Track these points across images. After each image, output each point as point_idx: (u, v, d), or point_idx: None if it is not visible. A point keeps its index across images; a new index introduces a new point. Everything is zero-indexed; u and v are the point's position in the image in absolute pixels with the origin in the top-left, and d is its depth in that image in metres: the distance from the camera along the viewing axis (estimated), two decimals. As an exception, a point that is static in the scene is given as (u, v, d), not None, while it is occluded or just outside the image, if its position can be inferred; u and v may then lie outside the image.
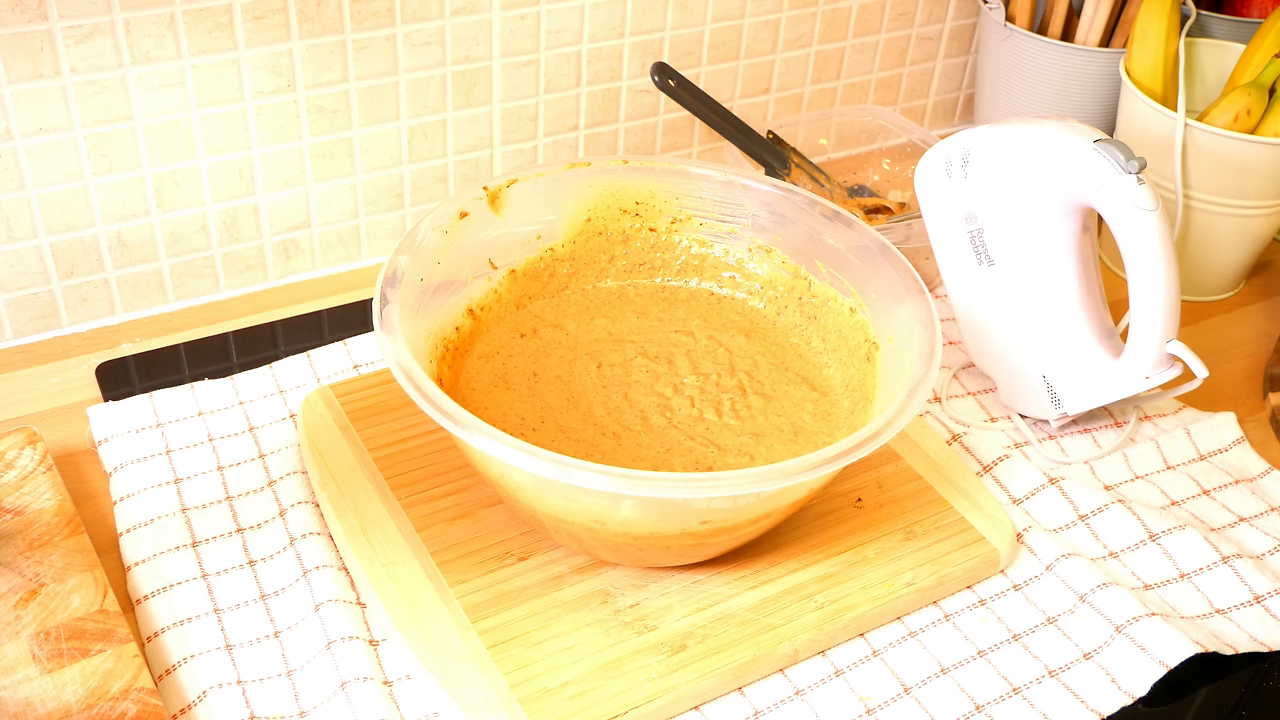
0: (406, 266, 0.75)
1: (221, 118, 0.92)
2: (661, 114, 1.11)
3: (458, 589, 0.73)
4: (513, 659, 0.70)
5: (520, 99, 1.04)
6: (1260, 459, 0.90)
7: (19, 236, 0.90)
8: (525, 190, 0.84)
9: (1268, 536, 0.83)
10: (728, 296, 0.89)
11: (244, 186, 0.96)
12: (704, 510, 0.68)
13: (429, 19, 0.96)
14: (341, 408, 0.84)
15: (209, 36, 0.89)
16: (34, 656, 0.68)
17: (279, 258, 1.01)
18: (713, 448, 0.77)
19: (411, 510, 0.78)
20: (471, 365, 0.82)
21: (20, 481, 0.78)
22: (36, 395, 0.90)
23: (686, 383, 0.82)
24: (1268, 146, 0.96)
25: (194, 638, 0.72)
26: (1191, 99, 1.07)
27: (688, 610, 0.73)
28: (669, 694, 0.69)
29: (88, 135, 0.89)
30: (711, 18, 1.08)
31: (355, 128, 0.98)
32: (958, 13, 1.21)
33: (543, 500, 0.69)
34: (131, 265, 0.96)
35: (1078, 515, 0.83)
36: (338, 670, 0.70)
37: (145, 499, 0.80)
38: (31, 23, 0.83)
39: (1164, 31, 1.02)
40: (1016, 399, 0.91)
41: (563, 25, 1.02)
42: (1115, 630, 0.75)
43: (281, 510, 0.80)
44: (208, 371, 0.92)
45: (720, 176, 0.87)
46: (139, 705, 0.66)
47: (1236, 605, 0.78)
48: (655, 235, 0.89)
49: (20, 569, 0.73)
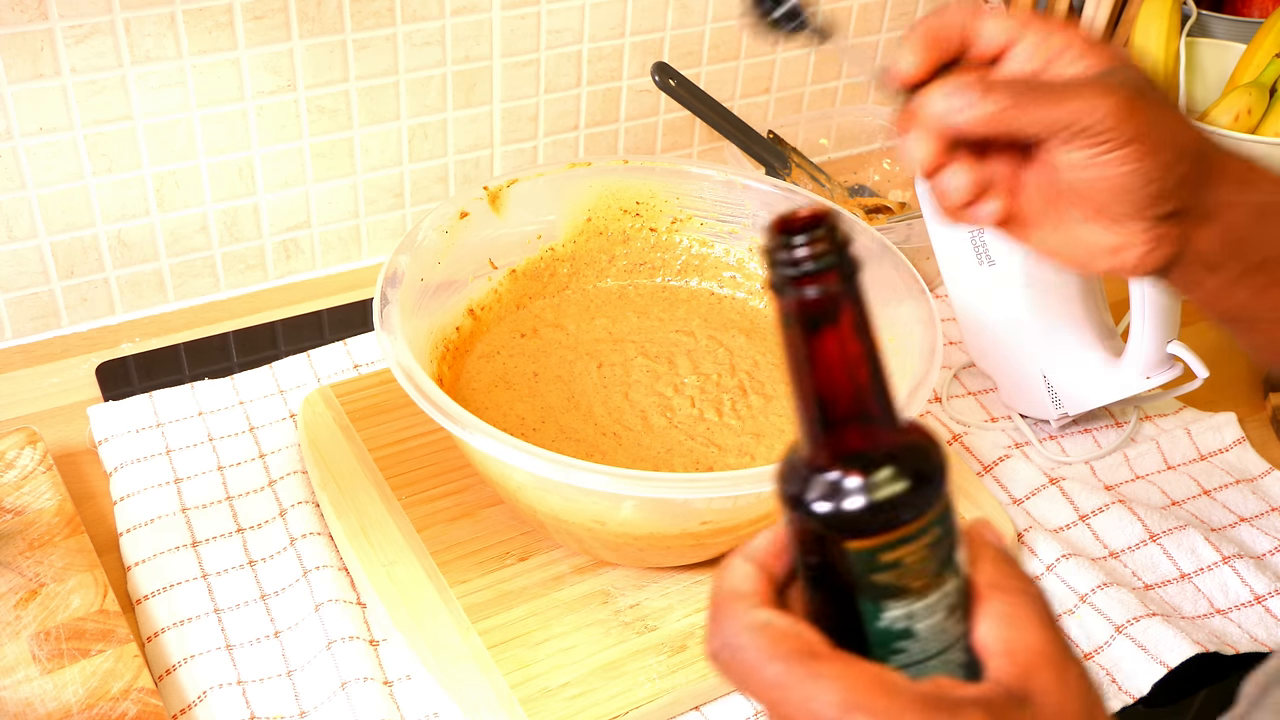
0: (407, 266, 0.75)
1: (221, 118, 0.92)
2: (662, 114, 1.11)
3: (458, 589, 0.73)
4: (513, 659, 0.70)
5: (520, 99, 1.04)
6: (1261, 459, 0.90)
7: (19, 236, 0.90)
8: (525, 190, 0.84)
9: (1268, 537, 0.83)
10: (728, 296, 0.89)
11: (244, 186, 0.96)
12: (704, 510, 0.68)
13: (429, 19, 0.96)
14: (342, 408, 0.84)
15: (209, 36, 0.89)
16: (34, 656, 0.68)
17: (279, 258, 1.01)
18: (713, 448, 0.77)
19: (412, 510, 0.78)
20: (472, 365, 0.82)
21: (20, 481, 0.78)
22: (36, 395, 0.90)
23: (687, 383, 0.81)
24: (1268, 146, 0.96)
25: (194, 638, 0.72)
26: (1192, 99, 1.07)
27: (688, 610, 0.73)
28: (669, 694, 0.69)
29: (88, 135, 0.89)
30: (712, 18, 1.08)
31: (355, 127, 0.98)
32: (958, 12, 1.21)
33: (543, 500, 0.69)
34: (131, 265, 0.95)
35: (1078, 515, 0.83)
36: (338, 670, 0.70)
37: (145, 499, 0.80)
38: (31, 23, 0.83)
39: (1164, 31, 1.02)
40: (1017, 399, 0.91)
41: (563, 25, 1.02)
42: (1116, 630, 0.75)
43: (282, 510, 0.80)
44: (208, 371, 0.92)
45: (720, 176, 0.87)
46: (139, 705, 0.66)
47: (1237, 605, 0.78)
48: (656, 235, 0.89)
49: (20, 569, 0.73)
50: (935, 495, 0.40)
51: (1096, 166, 0.52)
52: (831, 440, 0.39)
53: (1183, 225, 0.54)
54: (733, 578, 0.42)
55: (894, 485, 0.39)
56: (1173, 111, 0.53)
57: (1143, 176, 0.52)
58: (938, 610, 0.40)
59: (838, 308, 0.38)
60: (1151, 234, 0.53)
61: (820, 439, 0.39)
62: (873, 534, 0.39)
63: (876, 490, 0.39)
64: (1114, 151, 0.51)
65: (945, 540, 0.40)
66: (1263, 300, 0.55)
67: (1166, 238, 0.54)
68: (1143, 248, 0.54)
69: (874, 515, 0.39)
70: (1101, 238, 0.54)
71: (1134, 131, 0.51)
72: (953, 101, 0.52)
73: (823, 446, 0.39)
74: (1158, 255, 0.54)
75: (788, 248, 0.37)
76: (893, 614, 0.40)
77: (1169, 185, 0.52)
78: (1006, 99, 0.52)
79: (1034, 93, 0.52)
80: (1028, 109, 0.51)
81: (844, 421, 0.39)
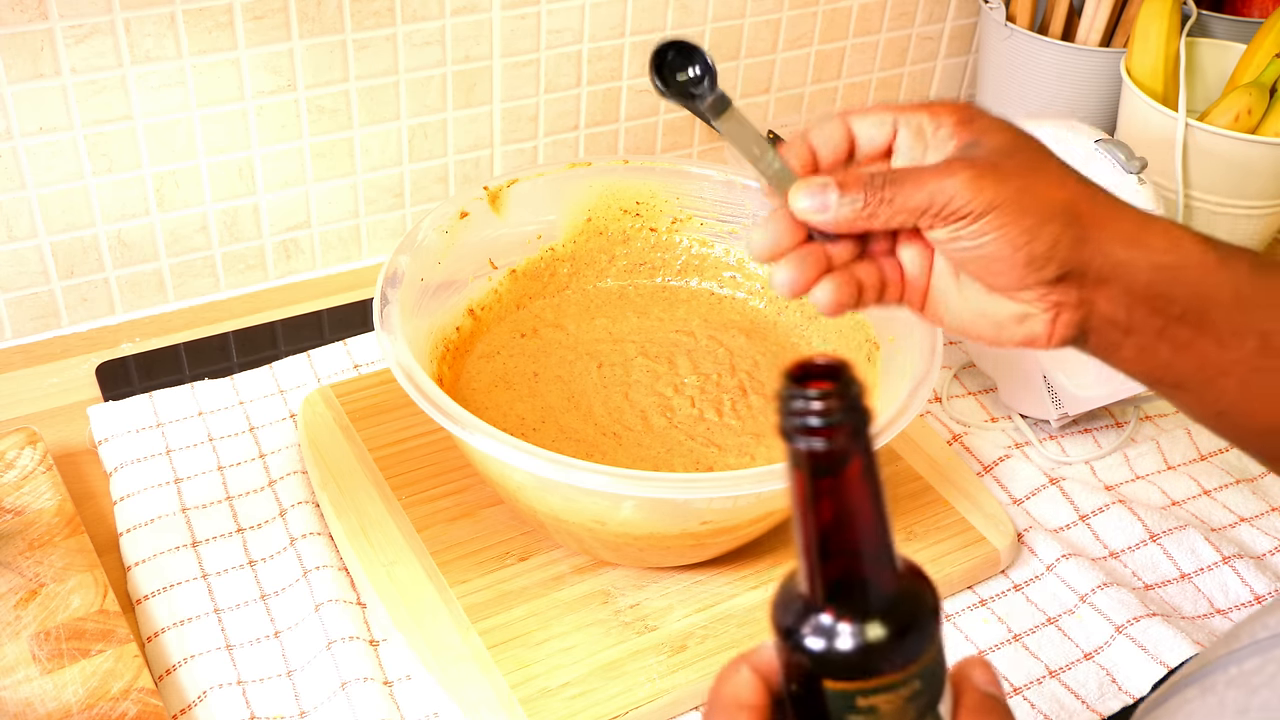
0: (407, 266, 0.75)
1: (221, 117, 0.92)
2: (662, 114, 1.11)
3: (458, 589, 0.73)
4: (513, 659, 0.70)
5: (520, 99, 1.04)
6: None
7: (19, 236, 0.90)
8: (525, 190, 0.84)
9: (1268, 537, 0.83)
10: (728, 296, 0.89)
11: (244, 186, 0.96)
12: (704, 510, 0.68)
13: (429, 19, 0.96)
14: (342, 408, 0.84)
15: (209, 36, 0.89)
16: (34, 656, 0.68)
17: (279, 257, 1.01)
18: (713, 448, 0.77)
19: (412, 510, 0.78)
20: (472, 365, 0.82)
21: (20, 481, 0.78)
22: (36, 395, 0.90)
23: (687, 383, 0.81)
24: (1268, 146, 0.96)
25: (194, 638, 0.72)
26: (1192, 99, 1.07)
27: (688, 610, 0.73)
28: (669, 694, 0.69)
29: (88, 135, 0.88)
30: (711, 18, 1.08)
31: (355, 127, 0.98)
32: (958, 12, 1.21)
33: (543, 500, 0.69)
34: (131, 265, 0.95)
35: (1078, 515, 0.83)
36: (338, 670, 0.70)
37: (145, 499, 0.80)
38: (31, 23, 0.83)
39: (1165, 31, 1.02)
40: (1017, 399, 0.91)
41: (563, 25, 1.02)
42: (1116, 630, 0.75)
43: (282, 510, 0.80)
44: (208, 371, 0.92)
45: (720, 176, 0.87)
46: (139, 705, 0.66)
47: (1237, 605, 0.78)
48: (656, 235, 0.89)
49: (20, 569, 0.73)
50: (920, 649, 0.41)
51: (961, 240, 0.52)
52: (827, 582, 0.40)
53: (1079, 289, 0.53)
54: (737, 685, 0.43)
55: (879, 637, 0.40)
56: (1041, 173, 0.53)
57: (1009, 243, 0.52)
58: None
59: (846, 460, 0.38)
60: (1049, 300, 0.53)
61: (817, 578, 0.40)
62: (852, 679, 0.40)
63: (862, 639, 0.40)
64: (973, 224, 0.52)
65: (926, 691, 0.41)
66: (1186, 358, 0.54)
67: (1066, 304, 0.53)
68: (1045, 315, 0.54)
69: (856, 660, 0.40)
70: (1003, 308, 0.55)
71: (988, 202, 0.51)
72: (813, 203, 0.53)
73: (818, 586, 0.40)
74: (1064, 322, 0.54)
75: (801, 398, 0.38)
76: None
77: (1040, 249, 0.52)
78: (861, 199, 0.53)
79: (890, 185, 0.53)
80: (885, 203, 0.52)
81: (841, 566, 0.40)
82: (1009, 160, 0.53)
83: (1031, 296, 0.53)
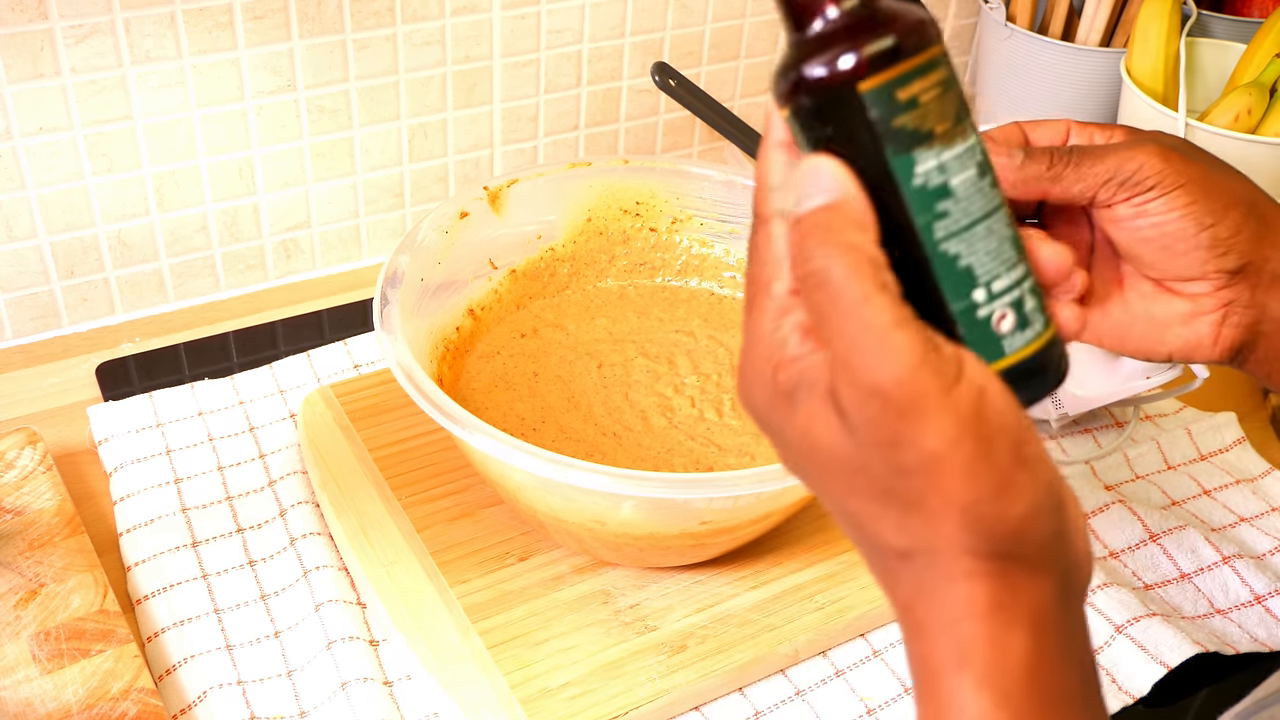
0: (407, 266, 0.75)
1: (221, 117, 0.92)
2: (662, 114, 1.11)
3: (458, 589, 0.73)
4: (513, 659, 0.70)
5: (520, 99, 1.04)
6: (1261, 459, 0.90)
7: (19, 236, 0.90)
8: (525, 190, 0.84)
9: (1268, 537, 0.83)
10: (729, 296, 0.89)
11: (244, 186, 0.96)
12: (705, 511, 0.68)
13: (429, 19, 0.96)
14: (342, 408, 0.84)
15: (209, 36, 0.89)
16: (34, 657, 0.68)
17: (279, 257, 1.01)
18: (713, 448, 0.77)
19: (412, 510, 0.78)
20: (472, 365, 0.82)
21: (20, 481, 0.78)
22: (36, 395, 0.90)
23: (687, 383, 0.82)
24: (1268, 146, 0.96)
25: (194, 638, 0.72)
26: (1192, 99, 1.07)
27: (688, 610, 0.73)
28: (669, 694, 0.69)
29: (88, 135, 0.89)
30: (712, 18, 1.08)
31: (355, 127, 0.98)
32: (958, 12, 1.21)
33: (543, 500, 0.69)
34: (131, 265, 0.95)
35: (1078, 515, 0.83)
36: (338, 670, 0.70)
37: (145, 499, 0.80)
38: (31, 22, 0.83)
39: (1165, 31, 1.02)
40: (1017, 399, 0.91)
41: (563, 25, 1.02)
42: (1116, 630, 0.75)
43: (282, 510, 0.80)
44: (208, 371, 0.92)
45: (721, 176, 0.87)
46: (139, 705, 0.66)
47: (1237, 605, 0.78)
48: (656, 235, 0.89)
49: (20, 569, 0.73)
50: (933, 30, 0.42)
51: (1146, 216, 0.51)
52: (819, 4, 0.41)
53: (1253, 289, 0.52)
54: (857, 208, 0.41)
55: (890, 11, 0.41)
56: (1221, 165, 0.53)
57: (1195, 221, 0.51)
58: (968, 165, 0.42)
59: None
60: (1220, 296, 0.52)
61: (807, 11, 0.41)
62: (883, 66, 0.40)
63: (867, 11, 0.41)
64: (1161, 196, 0.51)
65: (955, 86, 0.42)
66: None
67: (1237, 303, 0.52)
68: (1214, 315, 0.52)
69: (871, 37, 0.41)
70: (1170, 307, 0.53)
71: (1178, 177, 0.50)
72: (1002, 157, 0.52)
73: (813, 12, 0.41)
74: (1232, 324, 0.52)
75: None
76: (925, 166, 0.41)
77: (1224, 233, 0.51)
78: (1044, 159, 0.52)
79: (1072, 154, 0.52)
80: (1068, 167, 0.52)
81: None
82: (1191, 150, 0.52)
83: (1205, 288, 0.52)
